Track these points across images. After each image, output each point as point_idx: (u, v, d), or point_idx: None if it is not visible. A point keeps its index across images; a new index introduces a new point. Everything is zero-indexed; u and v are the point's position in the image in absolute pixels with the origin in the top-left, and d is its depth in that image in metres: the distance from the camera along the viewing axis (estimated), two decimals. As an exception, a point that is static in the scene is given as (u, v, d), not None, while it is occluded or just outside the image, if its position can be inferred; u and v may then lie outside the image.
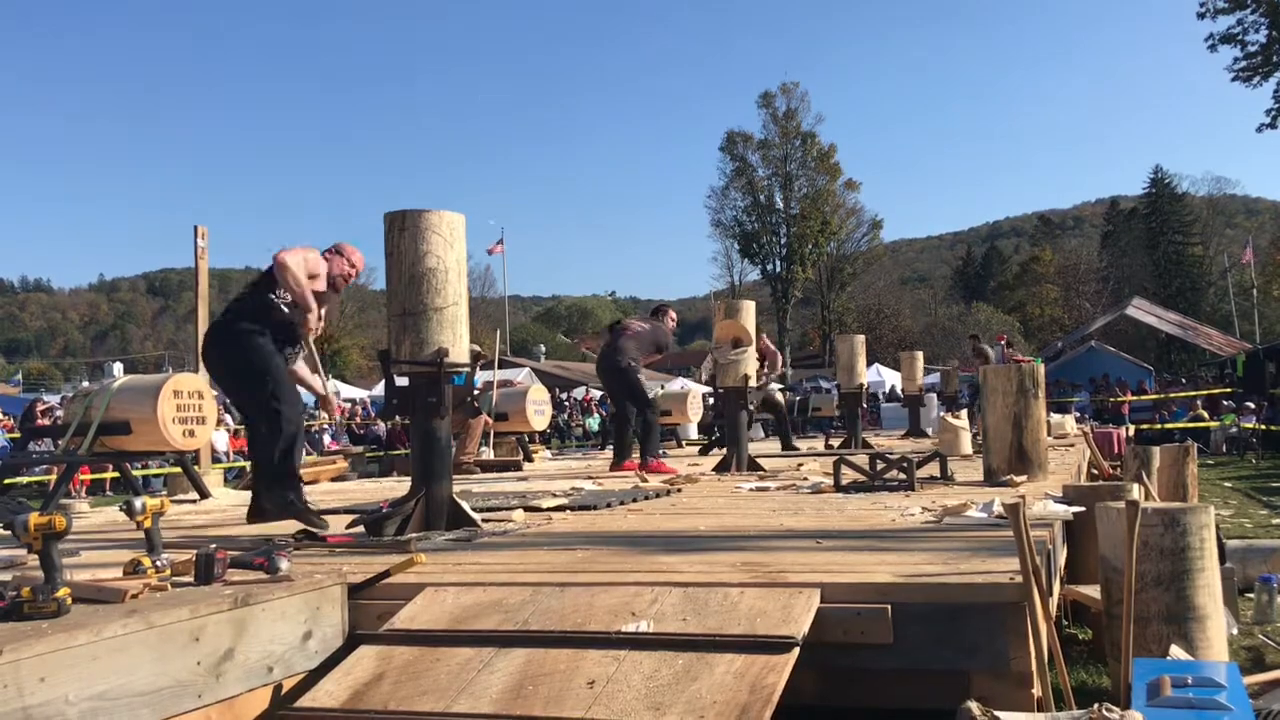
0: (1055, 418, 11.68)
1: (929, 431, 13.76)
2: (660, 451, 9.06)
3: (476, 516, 4.26)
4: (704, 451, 11.15)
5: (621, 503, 5.28)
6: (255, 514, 4.83)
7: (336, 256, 5.17)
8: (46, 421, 14.38)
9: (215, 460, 12.87)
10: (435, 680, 2.50)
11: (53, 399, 21.19)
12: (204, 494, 7.17)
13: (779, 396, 12.92)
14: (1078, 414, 18.88)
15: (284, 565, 2.90)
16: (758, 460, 7.90)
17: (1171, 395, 24.25)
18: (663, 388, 15.53)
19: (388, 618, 2.84)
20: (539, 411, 11.40)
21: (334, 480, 9.16)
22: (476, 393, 9.61)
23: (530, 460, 10.62)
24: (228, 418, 17.22)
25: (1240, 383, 23.94)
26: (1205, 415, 21.17)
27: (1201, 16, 33.66)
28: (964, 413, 10.33)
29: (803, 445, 12.46)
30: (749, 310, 7.92)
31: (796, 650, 2.44)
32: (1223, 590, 3.25)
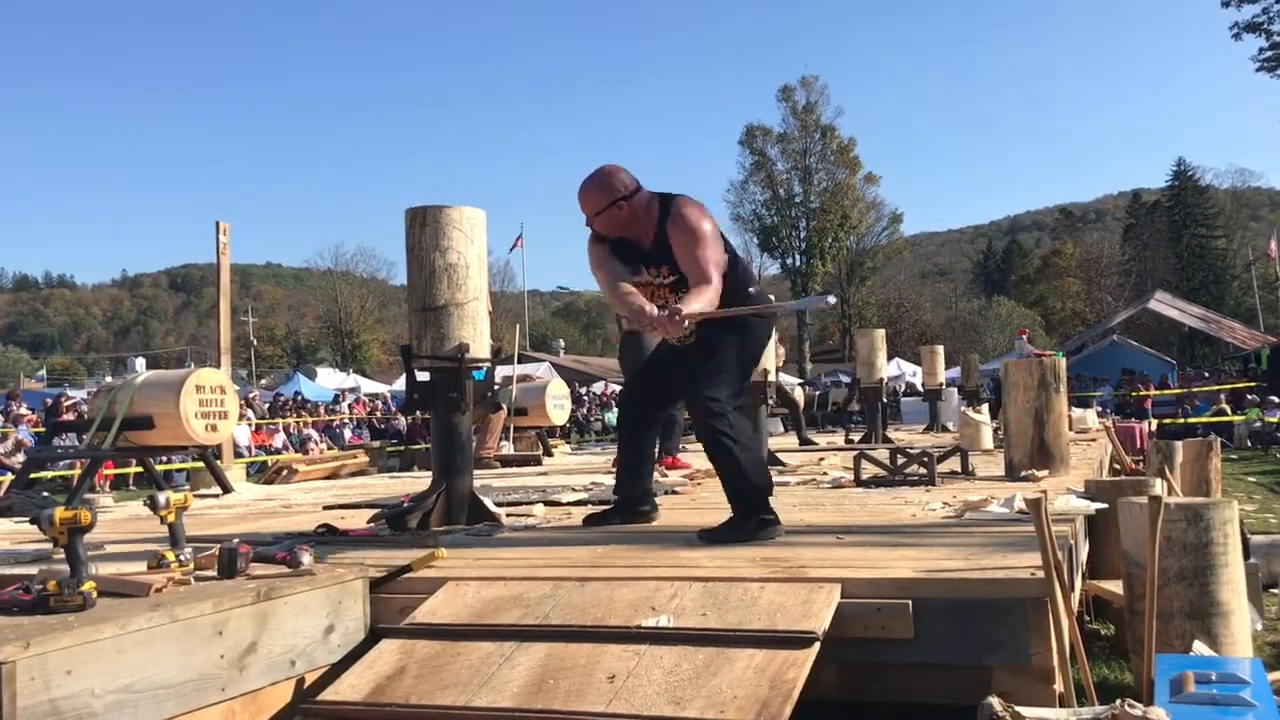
0: (1077, 412, 11.61)
1: (950, 426, 13.70)
2: (681, 446, 9.04)
3: (498, 511, 4.27)
4: None
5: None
6: None
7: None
8: (71, 416, 14.49)
9: (238, 455, 12.96)
10: (457, 674, 2.51)
11: (77, 394, 21.36)
12: (226, 488, 7.22)
13: (796, 392, 12.90)
14: (1100, 408, 18.77)
15: (306, 559, 2.92)
16: (778, 455, 7.88)
17: (1195, 389, 24.04)
18: None
19: (409, 612, 2.86)
20: (559, 406, 11.42)
21: (355, 474, 9.19)
22: (496, 388, 9.63)
23: (550, 455, 10.63)
24: (250, 412, 17.30)
25: (1264, 377, 23.74)
26: (1229, 409, 20.98)
27: (1226, 5, 33.46)
28: (985, 407, 10.27)
29: (822, 440, 12.43)
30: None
31: (817, 645, 2.43)
32: (1247, 586, 3.22)
